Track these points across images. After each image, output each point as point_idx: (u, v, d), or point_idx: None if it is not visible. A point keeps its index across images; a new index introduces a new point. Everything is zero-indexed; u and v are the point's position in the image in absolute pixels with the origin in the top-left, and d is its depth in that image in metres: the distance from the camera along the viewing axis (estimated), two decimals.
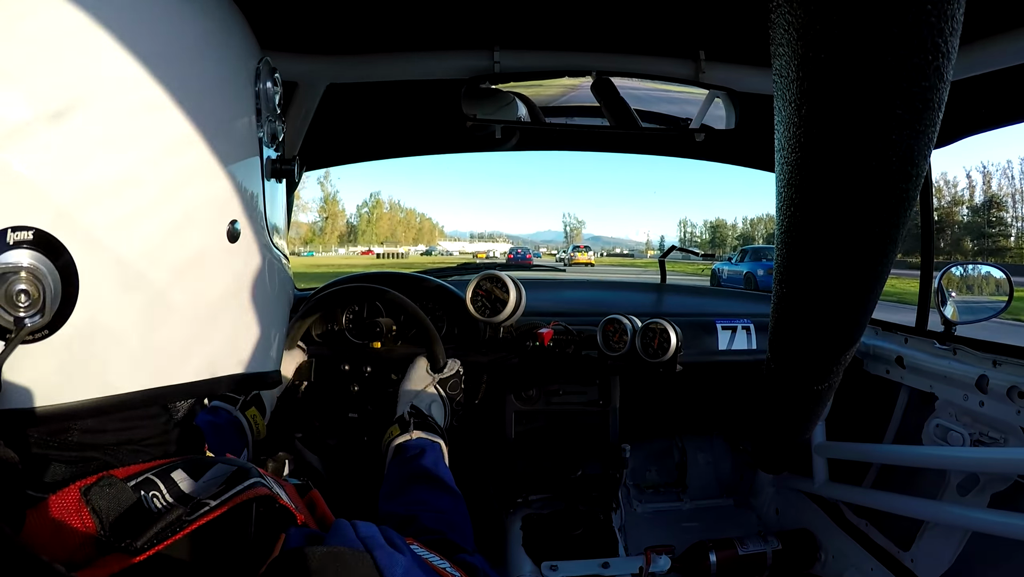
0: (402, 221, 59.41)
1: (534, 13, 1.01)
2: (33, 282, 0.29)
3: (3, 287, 0.29)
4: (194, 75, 0.36)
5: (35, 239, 0.29)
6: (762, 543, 1.44)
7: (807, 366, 0.90)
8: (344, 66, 1.08)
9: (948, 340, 1.17)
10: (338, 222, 54.78)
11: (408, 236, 58.82)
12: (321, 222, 53.41)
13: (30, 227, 0.29)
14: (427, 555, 0.39)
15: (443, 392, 0.95)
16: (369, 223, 57.32)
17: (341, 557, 0.32)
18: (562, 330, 1.29)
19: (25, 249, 0.29)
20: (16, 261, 0.29)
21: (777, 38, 0.47)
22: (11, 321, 0.29)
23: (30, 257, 0.29)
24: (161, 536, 0.29)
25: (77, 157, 0.30)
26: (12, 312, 0.29)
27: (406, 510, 0.64)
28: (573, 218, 66.23)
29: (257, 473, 0.36)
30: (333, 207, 53.81)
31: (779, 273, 0.73)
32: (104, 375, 0.33)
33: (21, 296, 0.29)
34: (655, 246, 71.83)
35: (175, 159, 0.34)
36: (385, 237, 54.25)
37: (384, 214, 57.54)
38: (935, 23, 0.39)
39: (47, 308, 0.30)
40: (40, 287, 0.29)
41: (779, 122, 0.54)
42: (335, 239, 53.70)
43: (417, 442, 0.80)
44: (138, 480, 0.32)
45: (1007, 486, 1.01)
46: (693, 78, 1.11)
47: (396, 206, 59.94)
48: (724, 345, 1.40)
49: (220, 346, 0.39)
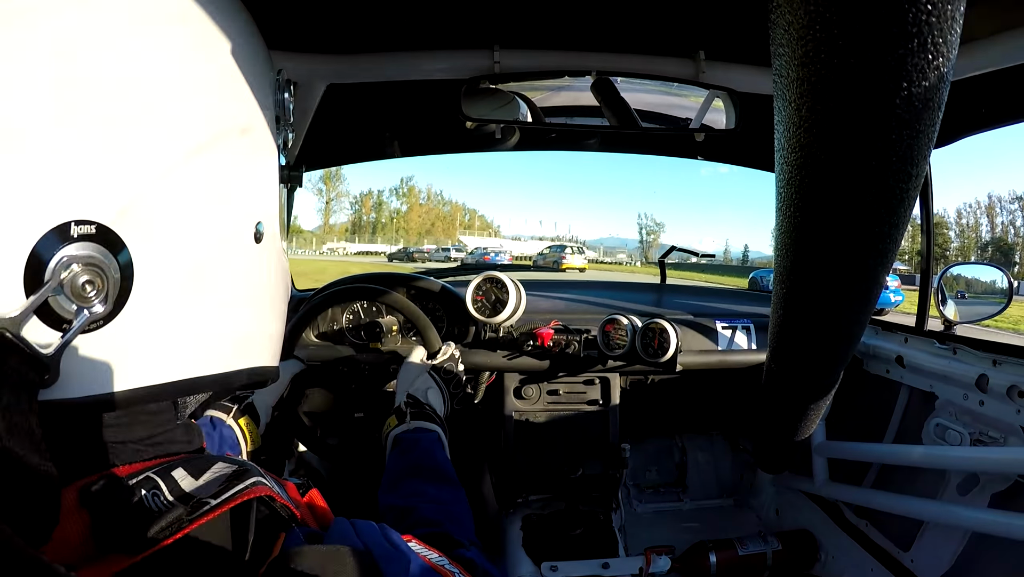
0: (442, 215, 48.45)
1: (534, 13, 1.01)
2: (98, 273, 0.31)
3: (69, 277, 0.30)
4: (236, 88, 0.38)
5: (97, 233, 0.31)
6: (762, 543, 1.44)
7: (807, 366, 0.90)
8: (344, 66, 1.08)
9: (948, 340, 1.17)
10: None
11: (451, 235, 47.61)
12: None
13: (93, 221, 0.31)
14: (425, 552, 0.39)
15: (438, 377, 0.94)
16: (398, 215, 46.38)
17: (341, 556, 0.32)
18: (562, 330, 1.29)
19: (88, 242, 0.31)
20: (82, 253, 0.30)
21: (777, 38, 0.47)
22: (72, 311, 0.30)
23: (93, 249, 0.31)
24: (161, 535, 0.29)
25: (137, 160, 0.32)
26: (77, 301, 0.30)
27: (405, 501, 0.64)
28: (651, 220, 54.07)
29: (258, 472, 0.36)
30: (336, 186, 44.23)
31: (779, 273, 0.73)
32: (147, 365, 0.34)
33: (86, 286, 0.30)
34: (736, 257, 62.04)
35: (218, 164, 0.37)
36: (418, 233, 44.00)
37: (417, 205, 47.08)
38: (935, 23, 0.39)
39: (108, 298, 0.31)
40: (104, 278, 0.31)
41: (779, 122, 0.54)
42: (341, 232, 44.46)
43: (415, 432, 0.80)
44: (139, 478, 0.32)
45: (1007, 486, 1.01)
46: (693, 78, 1.11)
47: (437, 197, 49.23)
48: (724, 345, 1.40)
49: (242, 339, 0.41)
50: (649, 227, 55.88)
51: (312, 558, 0.31)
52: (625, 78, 1.10)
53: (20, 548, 0.22)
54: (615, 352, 1.26)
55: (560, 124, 1.19)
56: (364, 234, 41.65)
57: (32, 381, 0.29)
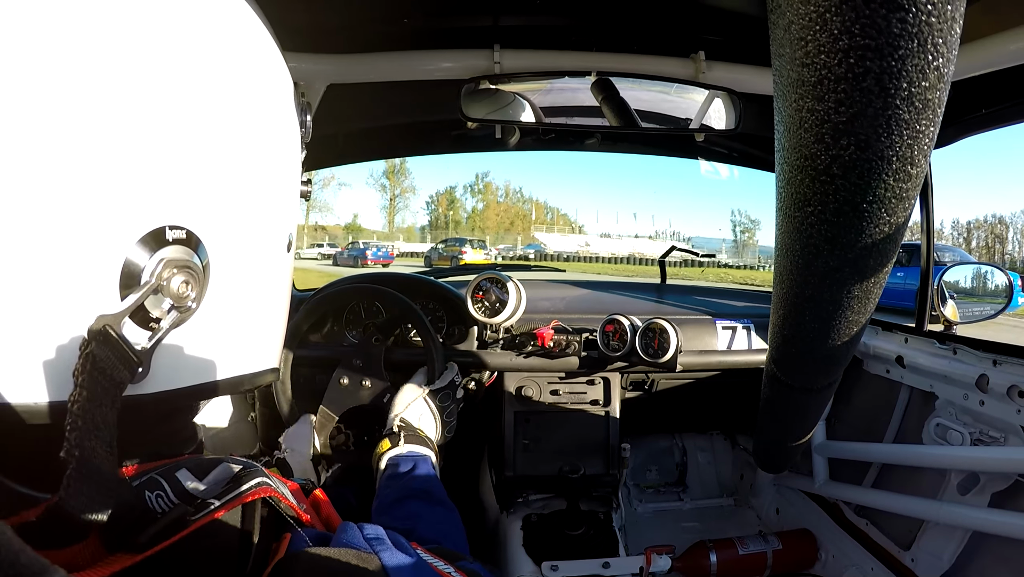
0: (522, 213, 43.85)
1: (534, 13, 1.01)
2: (192, 275, 0.34)
3: (169, 277, 0.32)
4: (283, 108, 0.43)
5: (187, 237, 0.33)
6: (762, 543, 1.44)
7: (807, 366, 0.90)
8: (344, 66, 1.08)
9: (948, 339, 1.17)
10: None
11: (528, 233, 42.13)
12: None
13: (183, 227, 0.33)
14: (432, 560, 0.39)
15: (433, 405, 0.94)
16: (474, 213, 41.26)
17: (348, 558, 0.32)
18: (562, 330, 1.29)
19: (180, 245, 0.33)
20: (178, 256, 0.33)
21: (777, 38, 0.47)
22: (163, 310, 0.32)
23: (185, 253, 0.33)
24: (164, 534, 0.29)
25: (213, 174, 0.35)
26: (175, 301, 0.33)
27: (401, 523, 0.64)
28: (745, 217, 49.01)
29: (262, 473, 0.36)
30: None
31: (779, 273, 0.73)
32: (207, 363, 0.37)
33: (183, 287, 0.33)
34: None
35: (269, 180, 0.41)
36: (495, 232, 39.27)
37: (494, 203, 42.67)
38: (935, 23, 0.39)
39: (198, 299, 0.34)
40: (196, 280, 0.34)
41: (779, 122, 0.54)
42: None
43: (408, 456, 0.80)
44: (143, 479, 0.32)
45: (1007, 485, 1.01)
46: (693, 78, 1.11)
47: (516, 195, 44.45)
48: (724, 345, 1.40)
49: (268, 340, 0.44)
50: (743, 224, 47.89)
51: (318, 560, 0.31)
52: (625, 78, 1.10)
53: (19, 548, 0.22)
54: (615, 352, 1.26)
55: (560, 124, 1.19)
56: (440, 234, 37.88)
57: (122, 379, 0.30)
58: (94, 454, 0.27)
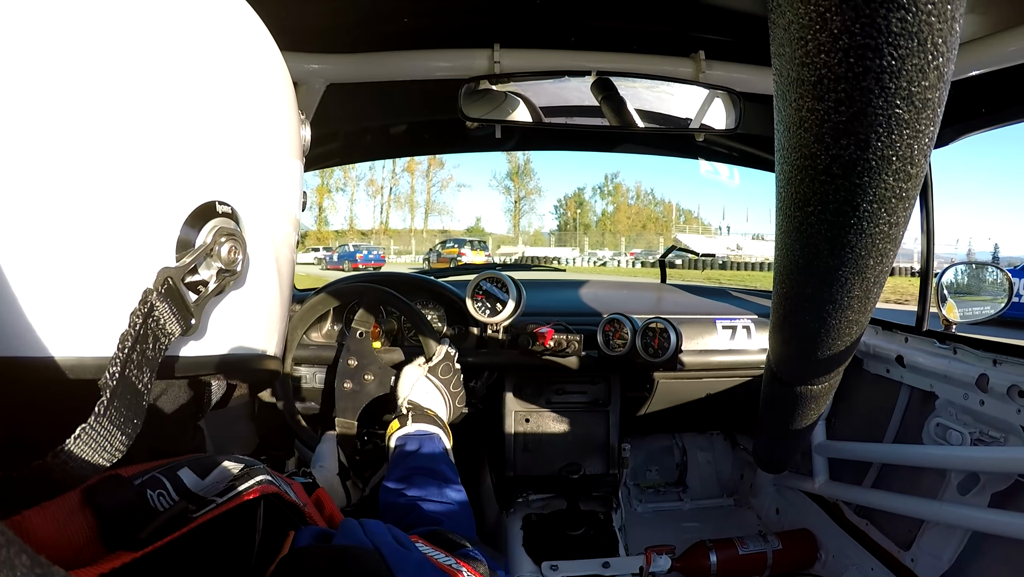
0: (654, 216, 41.33)
1: (534, 12, 1.01)
2: (239, 246, 0.37)
3: (221, 243, 0.36)
4: (289, 109, 0.46)
5: (232, 212, 0.37)
6: (762, 543, 1.44)
7: (807, 366, 0.90)
8: (344, 66, 1.08)
9: (948, 339, 1.17)
10: None
11: (667, 235, 38.62)
12: None
13: (229, 203, 0.37)
14: (433, 553, 0.39)
15: (436, 381, 0.94)
16: (604, 215, 38.50)
17: (351, 555, 0.32)
18: (562, 330, 1.29)
19: (227, 219, 0.37)
20: (228, 226, 0.37)
21: (777, 38, 0.47)
22: (210, 274, 0.36)
23: (232, 224, 0.37)
24: (165, 531, 0.29)
25: (252, 162, 0.40)
26: (226, 266, 0.36)
27: (406, 500, 0.65)
28: None
29: (265, 470, 0.36)
30: None
31: (779, 273, 0.73)
32: (237, 334, 0.40)
33: (232, 253, 0.37)
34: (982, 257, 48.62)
35: (291, 179, 0.45)
36: (627, 235, 36.67)
37: (625, 205, 40.45)
38: (935, 23, 0.39)
39: (242, 268, 0.38)
40: (241, 250, 0.37)
41: (779, 122, 0.54)
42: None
43: (416, 434, 0.81)
44: (144, 479, 0.32)
45: (1007, 485, 1.01)
46: (693, 78, 1.11)
47: (647, 196, 41.69)
48: (724, 344, 1.40)
49: (277, 327, 0.47)
50: None
51: (322, 557, 0.31)
52: (625, 77, 1.10)
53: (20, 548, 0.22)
54: (615, 352, 1.26)
55: (560, 124, 1.19)
56: (570, 237, 36.33)
57: (173, 330, 0.33)
58: (131, 385, 0.30)
